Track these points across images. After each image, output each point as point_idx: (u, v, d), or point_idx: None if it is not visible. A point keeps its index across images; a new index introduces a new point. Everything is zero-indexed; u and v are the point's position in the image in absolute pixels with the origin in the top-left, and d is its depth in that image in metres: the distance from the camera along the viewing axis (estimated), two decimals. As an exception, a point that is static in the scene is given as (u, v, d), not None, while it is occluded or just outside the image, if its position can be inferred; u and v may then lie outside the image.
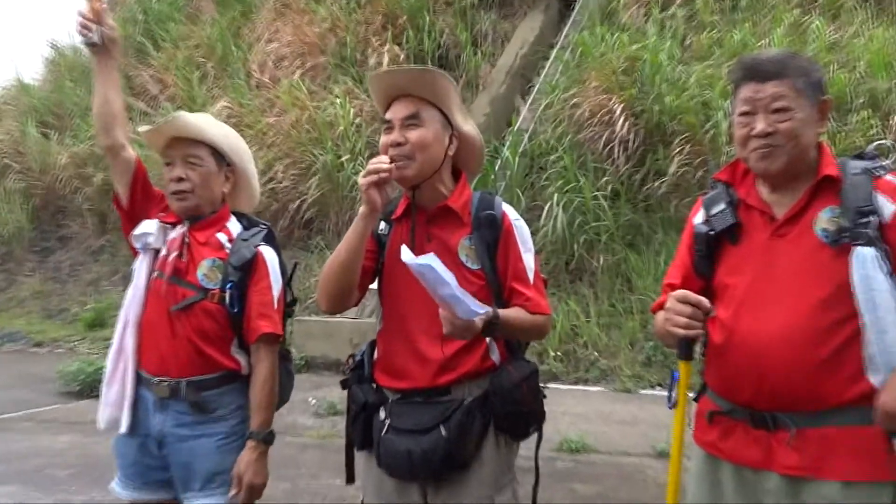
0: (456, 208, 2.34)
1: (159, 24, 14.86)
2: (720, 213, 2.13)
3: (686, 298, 2.01)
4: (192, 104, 12.46)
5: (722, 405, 2.11)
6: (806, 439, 1.95)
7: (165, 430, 2.51)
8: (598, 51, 10.96)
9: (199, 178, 2.60)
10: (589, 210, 9.47)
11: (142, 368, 2.53)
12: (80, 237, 12.71)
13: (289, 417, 6.86)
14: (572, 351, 8.68)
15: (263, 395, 2.52)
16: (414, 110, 2.30)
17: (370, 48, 12.55)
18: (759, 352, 1.98)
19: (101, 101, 2.61)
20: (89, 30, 2.55)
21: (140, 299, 2.56)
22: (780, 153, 2.00)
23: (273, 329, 2.55)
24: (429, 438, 2.21)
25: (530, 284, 2.31)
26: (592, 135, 10.19)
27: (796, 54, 2.10)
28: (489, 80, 12.34)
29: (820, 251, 1.97)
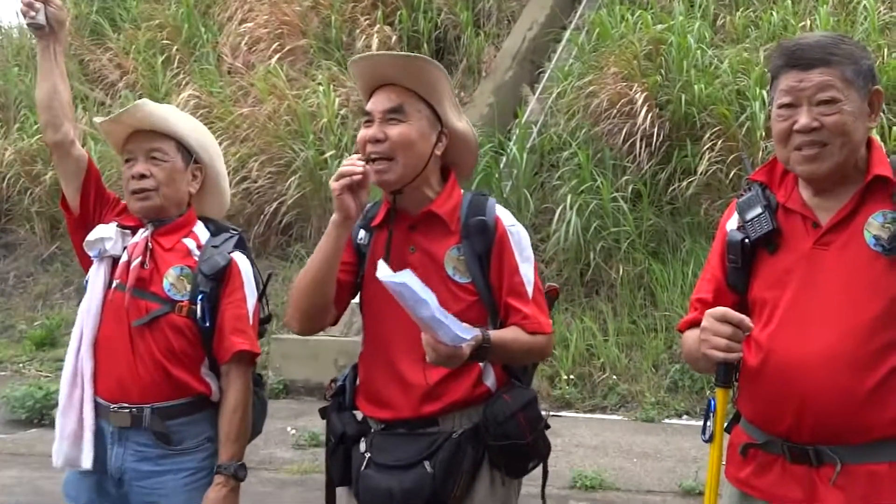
0: (442, 214, 2.33)
1: (118, 2, 14.87)
2: (756, 218, 2.11)
3: (726, 317, 1.99)
4: (156, 93, 12.45)
5: (757, 437, 2.11)
6: (852, 476, 1.95)
7: (125, 466, 2.49)
8: (618, 32, 10.97)
9: (163, 175, 2.59)
10: (607, 214, 9.46)
11: (98, 395, 2.51)
12: (27, 244, 12.68)
13: (265, 450, 6.86)
14: (588, 374, 8.67)
15: (235, 423, 2.51)
16: (397, 103, 2.29)
17: (358, 29, 12.56)
18: (799, 377, 1.98)
19: (48, 91, 2.61)
20: (34, 9, 2.56)
21: (96, 314, 2.54)
22: (828, 153, 1.98)
23: (249, 346, 2.55)
24: (412, 476, 2.21)
25: (528, 300, 2.30)
26: (611, 128, 10.18)
27: (844, 37, 2.08)
28: (493, 66, 12.34)
29: (871, 262, 1.97)
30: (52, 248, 12.38)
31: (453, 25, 12.91)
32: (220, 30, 13.53)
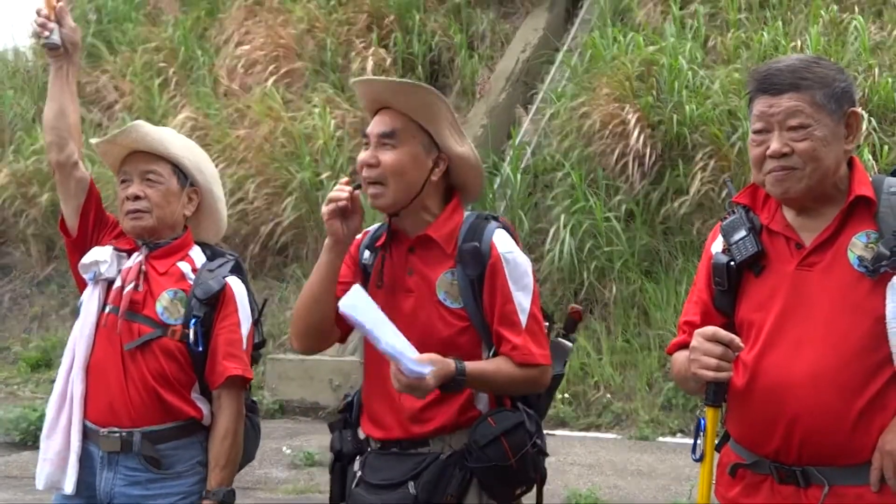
0: (438, 238, 2.32)
1: (115, 25, 14.87)
2: (741, 240, 2.11)
3: (716, 336, 1.98)
4: (153, 115, 12.46)
5: (745, 457, 2.10)
6: (841, 498, 1.94)
7: (115, 491, 2.48)
8: (610, 54, 10.98)
9: (158, 196, 2.59)
10: (600, 233, 9.48)
11: (87, 419, 2.50)
12: (23, 266, 12.67)
13: (260, 470, 6.83)
14: (582, 393, 8.67)
15: (224, 448, 2.51)
16: (391, 128, 2.29)
17: (353, 51, 12.57)
18: (786, 398, 1.97)
19: (57, 111, 2.61)
20: (48, 30, 2.57)
21: (89, 337, 2.54)
22: (799, 177, 1.98)
23: (242, 371, 2.54)
24: (395, 496, 2.22)
25: (521, 330, 2.26)
26: (604, 148, 10.20)
27: (819, 60, 2.09)
28: (487, 88, 12.37)
29: (856, 283, 1.96)
30: (47, 269, 12.37)
31: (447, 48, 12.93)
32: (217, 53, 13.54)
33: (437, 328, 2.23)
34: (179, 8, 14.86)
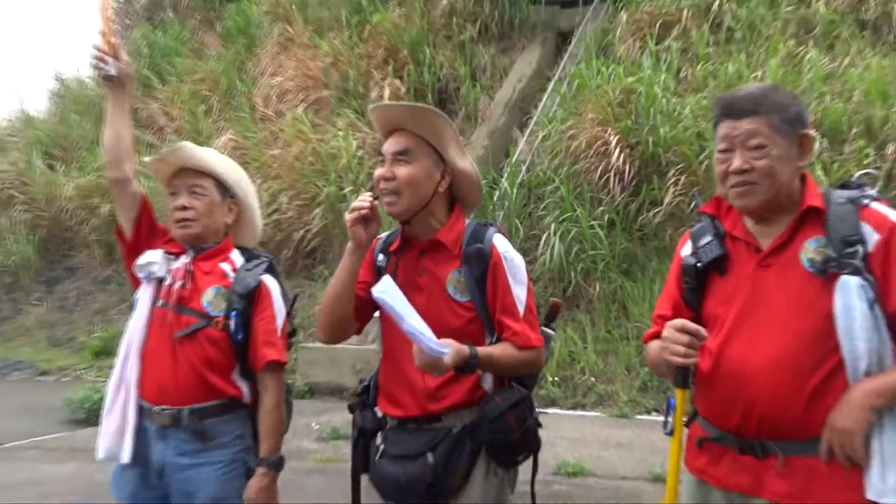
0: (446, 241, 2.32)
1: (165, 58, 14.93)
2: (707, 244, 2.12)
3: (684, 327, 2.00)
4: (198, 137, 12.50)
5: (711, 432, 2.11)
6: (794, 467, 1.94)
7: (166, 460, 2.49)
8: (595, 83, 10.99)
9: (202, 207, 2.60)
10: (586, 239, 9.46)
11: (142, 398, 2.51)
12: (86, 267, 12.71)
13: (293, 442, 6.82)
14: (570, 377, 8.66)
15: (271, 422, 2.52)
16: (405, 146, 2.30)
17: (372, 81, 12.61)
18: (746, 381, 1.98)
19: (113, 134, 2.61)
20: (105, 63, 2.58)
21: (143, 328, 2.55)
22: (758, 190, 2.00)
23: (279, 356, 2.54)
24: (416, 465, 2.21)
25: (519, 318, 2.27)
26: (589, 166, 10.20)
27: (776, 88, 2.10)
28: (488, 113, 12.39)
29: (807, 282, 1.96)
30: (108, 270, 12.43)
31: (453, 78, 12.96)
32: (254, 83, 13.57)
33: (449, 319, 2.24)
34: (221, 44, 14.93)
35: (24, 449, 7.21)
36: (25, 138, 14.82)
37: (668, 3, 12.27)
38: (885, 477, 1.85)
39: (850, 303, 1.88)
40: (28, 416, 8.36)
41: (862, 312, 1.88)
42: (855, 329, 1.88)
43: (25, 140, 14.73)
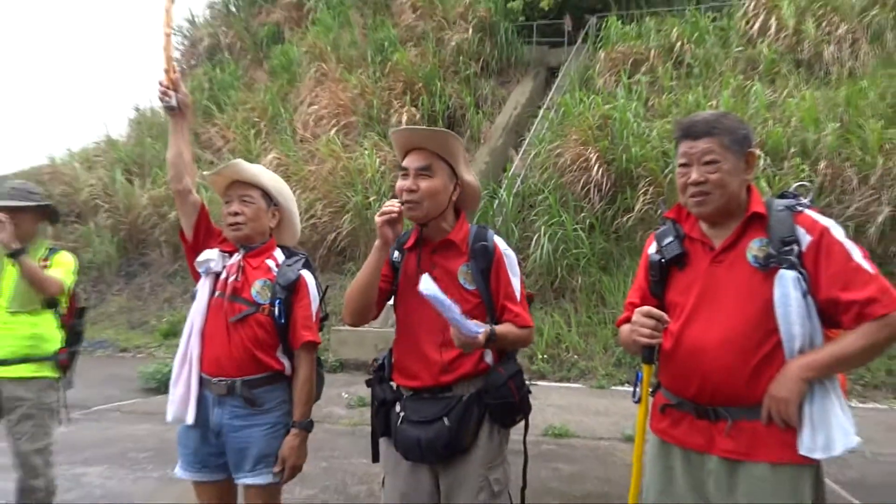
0: (456, 241, 2.32)
1: (222, 91, 14.99)
2: (669, 244, 2.12)
3: (650, 313, 2.01)
4: (249, 155, 12.53)
5: (672, 399, 2.10)
6: (740, 429, 1.94)
7: (223, 422, 2.49)
8: (577, 110, 11.00)
9: (251, 212, 2.59)
10: (570, 240, 9.48)
11: (203, 371, 2.52)
12: (158, 263, 12.76)
13: (326, 409, 6.85)
14: (557, 354, 8.65)
15: (304, 391, 2.51)
16: (427, 163, 2.29)
17: (392, 109, 12.63)
18: (701, 357, 1.97)
19: (175, 153, 2.60)
20: (168, 95, 2.57)
21: (203, 313, 2.54)
22: (711, 200, 1.99)
23: (314, 338, 2.54)
24: (434, 428, 2.21)
25: (518, 303, 2.28)
26: (572, 179, 10.21)
27: (726, 114, 2.09)
28: (488, 135, 12.40)
29: (751, 275, 1.96)
30: (175, 266, 12.48)
31: (460, 106, 12.97)
32: (295, 110, 13.60)
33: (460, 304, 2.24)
34: (268, 79, 14.97)
35: (108, 412, 7.25)
36: (109, 158, 14.90)
37: (639, 44, 12.29)
38: (814, 437, 1.86)
39: (787, 292, 1.88)
40: (110, 385, 8.40)
41: (796, 301, 1.87)
42: (791, 314, 1.88)
43: (109, 159, 14.81)
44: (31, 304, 3.46)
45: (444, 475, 2.25)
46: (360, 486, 4.79)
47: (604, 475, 5.00)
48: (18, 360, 3.41)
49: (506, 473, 2.28)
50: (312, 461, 5.35)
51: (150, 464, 5.23)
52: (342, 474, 5.04)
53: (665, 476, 2.11)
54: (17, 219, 3.35)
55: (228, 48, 16.68)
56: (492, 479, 2.22)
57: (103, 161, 14.87)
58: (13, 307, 3.43)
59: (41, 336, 3.49)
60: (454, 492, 2.22)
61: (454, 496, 2.22)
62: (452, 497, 2.22)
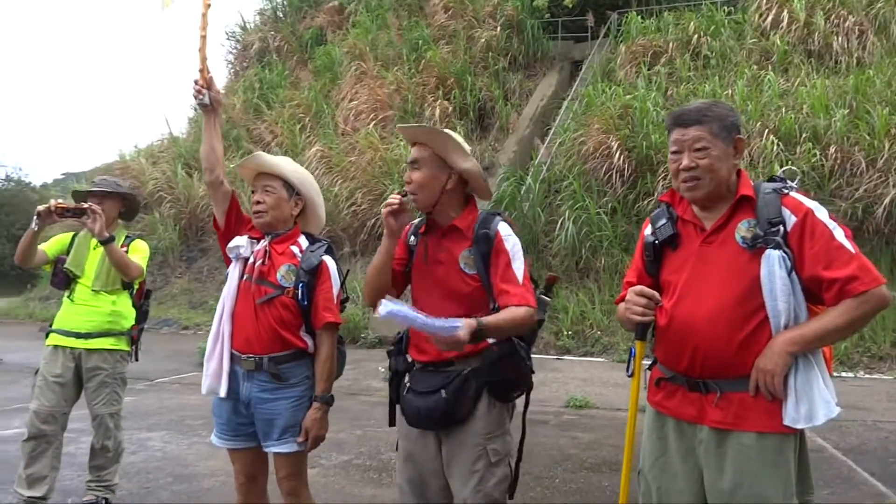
0: (461, 227, 2.28)
1: (270, 90, 15.11)
2: (662, 226, 2.07)
3: (643, 292, 1.98)
4: (295, 149, 12.65)
5: (666, 373, 2.07)
6: (729, 400, 1.90)
7: (251, 395, 2.51)
8: (600, 101, 10.87)
9: (272, 201, 2.58)
10: (593, 223, 9.40)
11: (233, 348, 2.53)
12: (214, 248, 12.98)
13: (365, 382, 6.92)
14: (581, 331, 8.63)
15: (325, 368, 2.52)
16: (416, 156, 2.28)
17: (426, 103, 12.62)
18: (692, 333, 1.94)
19: (208, 147, 2.60)
20: (202, 94, 2.56)
21: (233, 295, 2.55)
22: (702, 184, 1.94)
23: (335, 319, 2.54)
24: (433, 399, 2.20)
25: (518, 285, 2.20)
26: (595, 165, 10.12)
27: (716, 103, 2.03)
28: (516, 126, 12.31)
29: (739, 254, 1.91)
30: (230, 251, 12.66)
31: (490, 99, 12.90)
32: (336, 106, 13.67)
33: (460, 287, 2.22)
34: (312, 77, 15.04)
35: (169, 384, 7.44)
36: (171, 153, 15.17)
37: (658, 37, 12.06)
38: (798, 408, 1.82)
39: (773, 270, 1.84)
40: (172, 359, 8.61)
41: (781, 278, 1.83)
42: (776, 291, 1.83)
43: (171, 155, 15.08)
44: (112, 285, 3.67)
45: (445, 442, 2.24)
46: (391, 452, 4.81)
47: (619, 443, 4.95)
48: (100, 333, 3.63)
49: (505, 445, 2.24)
50: (349, 429, 5.45)
51: (203, 430, 5.34)
52: (376, 442, 5.09)
53: (660, 445, 2.08)
54: (103, 206, 3.50)
55: (276, 50, 16.79)
56: (489, 448, 2.19)
57: (166, 156, 15.14)
58: (96, 286, 3.64)
59: (120, 313, 3.71)
60: (454, 458, 2.22)
61: (454, 462, 2.21)
62: (453, 463, 2.22)
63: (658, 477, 2.06)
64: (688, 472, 1.99)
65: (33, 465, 3.45)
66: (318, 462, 4.65)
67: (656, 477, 2.06)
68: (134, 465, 4.58)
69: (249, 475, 2.63)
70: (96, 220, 3.38)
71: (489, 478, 2.17)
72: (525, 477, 4.32)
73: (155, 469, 4.50)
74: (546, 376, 7.36)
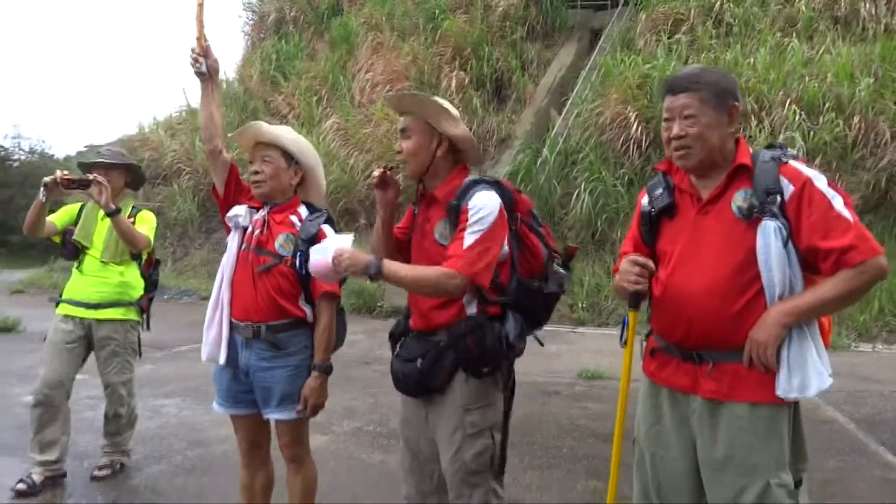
0: (438, 197, 2.24)
1: (287, 62, 15.04)
2: (659, 195, 2.04)
3: (636, 261, 1.96)
4: (312, 121, 12.64)
5: (660, 344, 2.05)
6: (722, 371, 1.88)
7: (250, 363, 2.52)
8: (618, 71, 10.71)
9: (270, 171, 2.56)
10: (610, 195, 9.34)
11: (232, 316, 2.53)
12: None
13: (377, 351, 6.94)
14: (597, 303, 8.61)
15: (324, 338, 2.52)
16: (405, 125, 2.25)
17: (442, 74, 12.52)
18: (686, 303, 1.91)
19: (206, 116, 2.58)
20: (199, 62, 2.53)
21: (232, 264, 2.55)
22: (692, 153, 1.90)
23: (332, 288, 2.52)
24: (410, 366, 2.21)
25: (461, 249, 2.08)
26: (612, 137, 10.01)
27: (708, 69, 1.98)
28: (533, 97, 12.18)
29: (735, 225, 1.87)
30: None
31: (507, 70, 12.76)
32: (353, 78, 13.60)
33: (435, 258, 2.17)
34: (328, 49, 14.95)
35: (189, 352, 7.55)
36: (190, 125, 15.15)
37: (679, 4, 11.82)
38: (791, 379, 1.80)
39: (769, 241, 1.80)
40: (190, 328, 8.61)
41: (777, 249, 1.79)
42: (771, 262, 1.80)
43: (190, 126, 15.05)
44: (120, 256, 3.70)
45: (430, 410, 2.25)
46: (401, 421, 4.88)
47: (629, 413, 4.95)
48: (109, 304, 3.68)
49: (486, 418, 2.19)
50: (361, 397, 5.50)
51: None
52: (387, 409, 5.13)
53: (654, 414, 2.07)
54: (109, 177, 3.52)
55: (293, 21, 16.67)
56: (467, 420, 2.16)
57: (184, 128, 15.15)
58: (105, 257, 3.67)
59: (128, 284, 3.75)
60: (436, 427, 2.23)
61: (437, 430, 2.23)
62: (436, 430, 2.23)
63: (652, 445, 2.05)
64: (681, 441, 1.98)
65: (44, 431, 3.53)
66: (329, 429, 4.71)
67: (650, 445, 2.06)
68: (149, 430, 4.68)
69: (252, 442, 2.67)
70: (102, 191, 3.39)
71: (467, 448, 2.15)
72: (533, 446, 4.36)
73: (169, 435, 4.59)
74: (560, 348, 7.36)
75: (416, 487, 2.32)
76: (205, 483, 3.71)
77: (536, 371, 6.22)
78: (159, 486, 3.68)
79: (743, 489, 1.83)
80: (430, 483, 2.30)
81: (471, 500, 2.17)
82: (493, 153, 11.80)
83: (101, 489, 3.62)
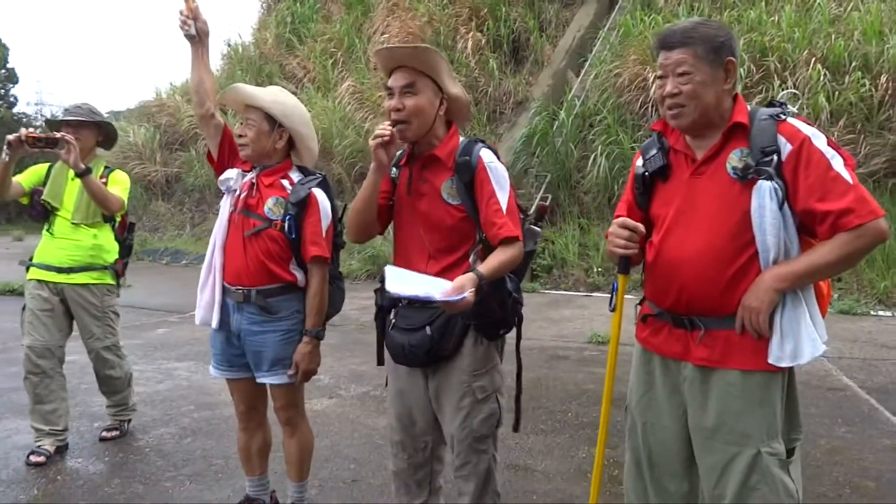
0: (441, 156, 2.18)
1: (302, 24, 14.90)
2: (653, 157, 1.96)
3: (625, 224, 1.89)
4: (328, 84, 12.55)
5: (653, 309, 2.00)
6: (714, 338, 1.83)
7: (242, 327, 2.51)
8: (637, 30, 10.46)
9: (252, 133, 2.51)
10: (626, 158, 9.18)
11: (225, 280, 2.52)
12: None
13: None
14: (612, 268, 8.50)
15: (315, 303, 2.50)
16: (411, 80, 2.14)
17: (458, 35, 12.32)
18: (678, 269, 1.85)
19: (197, 80, 2.53)
20: (188, 24, 2.47)
21: (224, 228, 2.53)
22: (686, 111, 1.81)
23: (321, 253, 2.49)
24: (418, 335, 2.14)
25: (503, 215, 2.11)
26: (630, 98, 9.83)
27: (704, 22, 1.88)
28: (551, 59, 11.96)
29: (730, 186, 1.79)
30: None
31: (525, 30, 12.52)
32: (368, 40, 13.45)
33: (444, 219, 2.14)
34: (344, 11, 14.76)
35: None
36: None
37: (702, -40, 11.41)
38: (783, 346, 1.74)
39: (764, 203, 1.72)
40: (206, 295, 8.79)
41: (772, 211, 1.71)
42: (766, 224, 1.72)
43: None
44: (92, 218, 3.57)
45: (432, 378, 2.21)
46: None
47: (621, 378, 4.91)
48: (82, 268, 3.56)
49: (493, 382, 2.19)
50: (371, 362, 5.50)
51: (228, 363, 5.48)
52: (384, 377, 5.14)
53: (646, 381, 2.03)
54: (78, 136, 3.39)
55: (308, -17, 16.48)
56: (475, 385, 2.15)
57: (201, 94, 15.15)
58: (76, 219, 3.54)
59: (101, 247, 3.62)
60: (441, 394, 2.19)
61: (442, 398, 2.19)
62: (440, 399, 2.19)
63: (644, 412, 2.02)
64: (673, 408, 1.94)
65: (42, 401, 3.49)
66: (336, 393, 4.74)
67: (642, 412, 2.02)
68: (159, 393, 4.74)
69: (249, 404, 2.68)
70: (70, 150, 3.25)
71: (476, 414, 2.15)
72: (538, 410, 4.35)
73: (179, 398, 4.65)
74: (572, 313, 7.32)
75: (407, 462, 2.29)
76: (210, 445, 3.75)
77: (547, 336, 6.19)
78: (165, 447, 3.72)
79: (734, 457, 1.79)
80: (423, 455, 2.28)
81: (477, 467, 2.17)
82: (509, 115, 11.63)
83: (109, 449, 3.67)
